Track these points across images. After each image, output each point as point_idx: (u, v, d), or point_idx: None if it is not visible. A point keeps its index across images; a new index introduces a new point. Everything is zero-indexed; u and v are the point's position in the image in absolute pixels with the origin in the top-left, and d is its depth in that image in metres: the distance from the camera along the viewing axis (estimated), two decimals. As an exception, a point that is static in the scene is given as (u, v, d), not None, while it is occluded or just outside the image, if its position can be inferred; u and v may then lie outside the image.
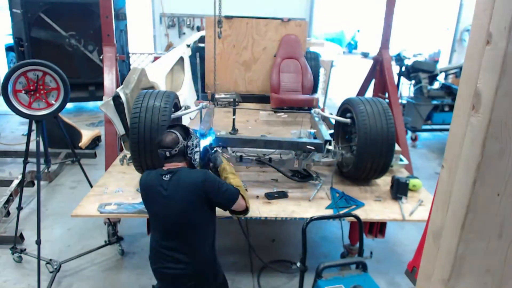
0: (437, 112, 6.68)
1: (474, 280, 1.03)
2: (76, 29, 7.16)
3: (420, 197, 3.15)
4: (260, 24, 5.54)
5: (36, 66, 3.00)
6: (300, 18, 9.18)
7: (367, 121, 3.08)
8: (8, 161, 5.40)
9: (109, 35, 4.25)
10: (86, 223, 3.88)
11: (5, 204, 3.84)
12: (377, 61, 5.48)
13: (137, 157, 2.99)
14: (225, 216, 2.78)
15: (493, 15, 0.88)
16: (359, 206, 2.97)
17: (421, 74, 6.54)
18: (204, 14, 7.13)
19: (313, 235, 3.84)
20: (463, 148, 0.97)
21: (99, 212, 2.73)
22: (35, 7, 6.84)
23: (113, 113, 3.50)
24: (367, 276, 2.32)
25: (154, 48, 10.68)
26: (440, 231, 1.06)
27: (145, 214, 2.75)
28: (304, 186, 3.25)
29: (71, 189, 4.68)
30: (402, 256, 3.59)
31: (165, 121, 2.93)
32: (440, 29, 12.17)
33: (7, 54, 8.59)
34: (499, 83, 0.87)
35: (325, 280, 2.23)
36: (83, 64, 7.33)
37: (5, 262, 3.33)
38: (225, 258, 3.48)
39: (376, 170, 3.18)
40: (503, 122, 0.90)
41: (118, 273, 3.25)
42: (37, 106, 3.07)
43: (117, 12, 7.57)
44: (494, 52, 0.88)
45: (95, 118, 7.56)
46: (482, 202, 0.96)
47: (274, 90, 5.27)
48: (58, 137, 4.25)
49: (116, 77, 4.22)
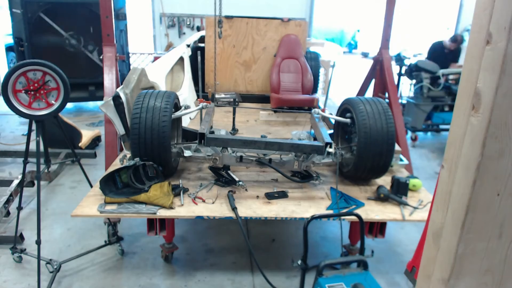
0: (437, 112, 6.69)
1: (474, 280, 1.03)
2: (76, 29, 7.16)
3: (420, 197, 3.15)
4: (260, 24, 5.54)
5: (36, 66, 3.00)
6: (300, 18, 9.17)
7: (367, 121, 3.08)
8: (8, 161, 5.40)
9: (109, 35, 4.25)
10: (86, 223, 3.88)
11: (5, 204, 3.83)
12: (377, 61, 5.48)
13: (138, 156, 2.99)
14: (226, 216, 2.78)
15: (493, 15, 0.88)
16: (359, 206, 2.97)
17: (424, 73, 6.54)
18: (204, 14, 7.13)
19: (313, 235, 3.84)
20: (463, 148, 0.97)
21: (99, 212, 2.73)
22: (35, 7, 6.84)
23: (113, 113, 3.50)
24: (368, 274, 2.32)
25: (154, 48, 10.69)
26: (440, 231, 1.06)
27: (145, 214, 2.76)
28: (304, 186, 3.25)
29: (71, 189, 4.68)
30: (402, 256, 3.60)
31: (165, 121, 2.93)
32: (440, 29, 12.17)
33: (7, 54, 8.59)
34: (499, 83, 0.87)
35: (325, 278, 2.23)
36: (83, 64, 7.33)
37: (5, 262, 3.33)
38: (225, 258, 3.48)
39: (376, 170, 3.18)
40: (503, 122, 0.90)
41: (118, 273, 3.25)
42: (37, 106, 3.07)
43: (117, 12, 7.58)
44: (494, 52, 0.88)
45: (95, 118, 7.56)
46: (482, 202, 0.96)
47: (274, 90, 5.27)
48: (58, 137, 4.25)
49: (116, 77, 4.22)
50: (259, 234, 3.85)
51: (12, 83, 2.97)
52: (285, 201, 3.00)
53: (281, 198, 3.03)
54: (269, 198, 3.01)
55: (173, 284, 3.12)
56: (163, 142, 2.93)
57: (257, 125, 4.68)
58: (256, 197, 3.02)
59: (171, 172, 3.27)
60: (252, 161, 3.18)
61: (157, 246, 3.36)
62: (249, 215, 2.79)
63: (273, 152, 3.22)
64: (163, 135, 2.92)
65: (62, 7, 7.00)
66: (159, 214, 2.75)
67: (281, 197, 3.04)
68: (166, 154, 2.99)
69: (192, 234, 3.80)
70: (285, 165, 3.22)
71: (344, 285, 2.20)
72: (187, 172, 3.43)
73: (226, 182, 3.17)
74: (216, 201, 2.94)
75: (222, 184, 3.17)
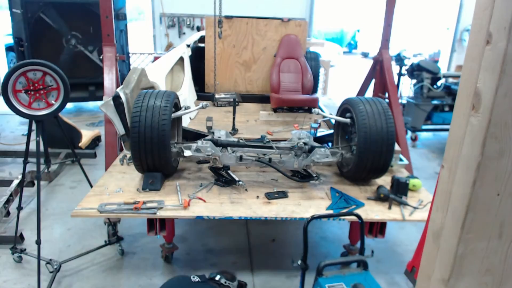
0: (437, 112, 6.69)
1: (474, 280, 1.03)
2: (76, 29, 7.16)
3: (420, 197, 3.15)
4: (260, 24, 5.54)
5: (36, 66, 3.00)
6: (300, 18, 9.17)
7: (366, 120, 3.09)
8: (8, 161, 5.40)
9: (109, 35, 4.25)
10: (86, 223, 3.88)
11: (5, 204, 3.83)
12: (377, 61, 5.48)
13: (138, 155, 3.00)
14: (226, 216, 2.78)
15: (493, 15, 0.88)
16: (359, 206, 2.97)
17: (425, 73, 6.54)
18: (204, 14, 7.13)
19: (313, 235, 3.84)
20: (463, 148, 0.97)
21: (99, 212, 2.73)
22: (35, 7, 6.84)
23: (113, 113, 3.50)
24: (368, 274, 2.32)
25: (154, 48, 10.68)
26: (440, 231, 1.06)
27: (145, 214, 2.76)
28: (304, 186, 3.25)
29: (71, 189, 4.68)
30: (402, 256, 3.60)
31: (165, 119, 2.94)
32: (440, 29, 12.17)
33: (7, 54, 8.58)
34: (499, 83, 0.87)
35: (325, 278, 2.23)
36: (83, 64, 7.33)
37: (5, 262, 3.33)
38: (225, 258, 3.48)
39: (376, 169, 3.18)
40: (503, 122, 0.90)
41: (118, 273, 3.25)
42: (37, 106, 3.07)
43: (117, 12, 7.57)
44: (494, 52, 0.88)
45: (95, 118, 7.56)
46: (482, 202, 0.96)
47: (274, 90, 5.27)
48: (58, 137, 4.24)
49: (116, 77, 4.22)
50: (259, 234, 3.85)
51: (12, 83, 2.97)
52: (285, 201, 3.00)
53: (281, 198, 3.03)
54: (269, 198, 3.01)
55: (173, 284, 3.12)
56: (162, 140, 2.93)
57: (257, 125, 4.68)
58: (256, 197, 3.02)
59: (171, 171, 3.27)
60: (252, 160, 3.18)
61: (157, 246, 3.36)
62: (249, 215, 2.79)
63: (273, 152, 3.22)
64: (162, 133, 2.92)
65: (62, 7, 7.00)
66: (159, 214, 2.75)
67: (281, 197, 3.04)
68: (166, 152, 3.00)
69: (192, 234, 3.80)
70: (285, 164, 3.22)
71: (344, 285, 2.20)
72: (187, 172, 3.43)
73: (226, 182, 3.18)
74: (216, 201, 2.94)
75: (222, 184, 3.17)
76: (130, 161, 3.50)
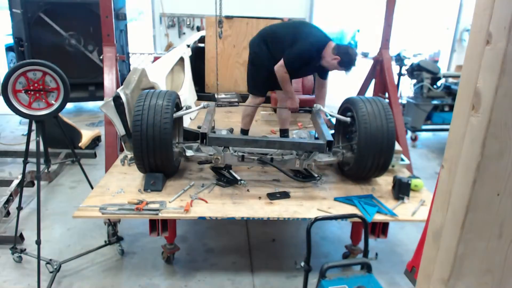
0: (437, 112, 6.68)
1: (474, 280, 1.03)
2: (76, 29, 7.16)
3: (422, 197, 3.15)
4: (261, 24, 5.53)
5: (36, 66, 3.00)
6: (300, 18, 9.18)
7: (367, 119, 3.10)
8: (8, 161, 5.40)
9: (109, 35, 4.25)
10: (86, 223, 3.88)
11: (5, 204, 3.83)
12: (377, 61, 5.48)
13: (140, 155, 3.00)
14: (228, 217, 2.78)
15: (493, 15, 0.88)
16: (390, 212, 2.91)
17: (425, 73, 6.54)
18: (204, 14, 7.13)
19: (314, 235, 3.81)
20: (463, 148, 0.97)
21: (101, 212, 2.73)
22: (35, 7, 6.84)
23: (113, 114, 3.50)
24: (371, 277, 2.30)
25: (154, 48, 10.68)
26: (440, 231, 1.06)
27: (145, 215, 2.76)
28: (306, 186, 3.25)
29: (71, 189, 4.68)
30: (402, 256, 3.59)
31: (167, 118, 2.95)
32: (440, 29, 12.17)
33: (7, 54, 8.58)
34: (499, 83, 0.87)
35: (329, 280, 2.22)
36: (83, 64, 7.33)
37: (5, 262, 3.33)
38: (225, 258, 3.48)
39: (376, 168, 3.20)
40: (503, 122, 0.90)
41: (118, 273, 3.25)
42: (37, 106, 3.07)
43: (117, 12, 7.57)
44: (494, 52, 0.88)
45: (95, 118, 7.56)
46: (482, 202, 0.96)
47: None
48: (58, 137, 4.24)
49: (116, 77, 4.22)
50: (260, 234, 3.85)
51: (12, 83, 2.97)
52: (287, 202, 3.00)
53: (283, 199, 3.03)
54: (271, 199, 3.01)
55: (173, 284, 3.12)
56: (164, 139, 2.94)
57: (258, 125, 4.68)
58: (258, 198, 3.02)
59: (173, 171, 3.27)
60: (254, 160, 3.18)
61: (157, 246, 3.36)
62: (251, 216, 2.79)
63: (274, 151, 3.22)
64: (164, 132, 2.93)
65: (62, 7, 7.00)
66: (161, 215, 2.75)
67: (283, 198, 3.04)
68: (168, 151, 3.00)
69: (192, 234, 3.80)
70: (287, 164, 3.22)
71: (347, 287, 2.19)
72: (189, 172, 3.43)
73: (228, 182, 3.18)
74: (218, 201, 2.94)
75: (223, 184, 3.17)
76: (131, 162, 3.51)
